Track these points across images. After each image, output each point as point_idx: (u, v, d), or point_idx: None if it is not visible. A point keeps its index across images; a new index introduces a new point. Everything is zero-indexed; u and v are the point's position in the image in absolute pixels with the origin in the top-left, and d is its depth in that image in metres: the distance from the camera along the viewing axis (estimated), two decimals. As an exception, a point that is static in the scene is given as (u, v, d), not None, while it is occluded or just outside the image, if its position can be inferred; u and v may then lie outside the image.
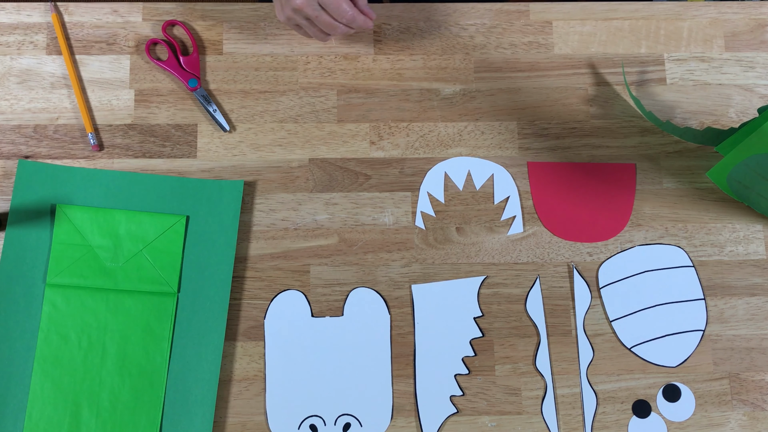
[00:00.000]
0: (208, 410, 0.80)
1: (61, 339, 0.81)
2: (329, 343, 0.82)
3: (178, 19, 0.91)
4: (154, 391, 0.80)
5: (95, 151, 0.87)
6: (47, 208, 0.84)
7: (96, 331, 0.81)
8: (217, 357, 0.81)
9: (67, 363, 0.80)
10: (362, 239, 0.86)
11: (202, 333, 0.82)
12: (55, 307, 0.81)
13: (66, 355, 0.80)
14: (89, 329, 0.81)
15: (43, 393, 0.79)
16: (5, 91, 0.89)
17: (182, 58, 0.90)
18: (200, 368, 0.81)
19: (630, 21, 0.94)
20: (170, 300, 0.83)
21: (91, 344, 0.81)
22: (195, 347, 0.82)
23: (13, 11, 0.91)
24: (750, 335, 0.85)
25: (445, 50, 0.92)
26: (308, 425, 0.81)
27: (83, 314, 0.81)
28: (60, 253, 0.83)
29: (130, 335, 0.81)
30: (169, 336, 0.82)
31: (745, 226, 0.89)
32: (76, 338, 0.81)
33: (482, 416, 0.82)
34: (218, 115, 0.88)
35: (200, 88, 0.89)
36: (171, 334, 0.82)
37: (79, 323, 0.81)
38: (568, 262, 0.87)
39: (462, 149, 0.90)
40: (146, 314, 0.82)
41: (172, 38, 0.91)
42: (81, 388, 0.80)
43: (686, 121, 0.91)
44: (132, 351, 0.81)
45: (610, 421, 0.82)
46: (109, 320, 0.82)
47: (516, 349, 0.84)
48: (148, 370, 0.81)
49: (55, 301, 0.81)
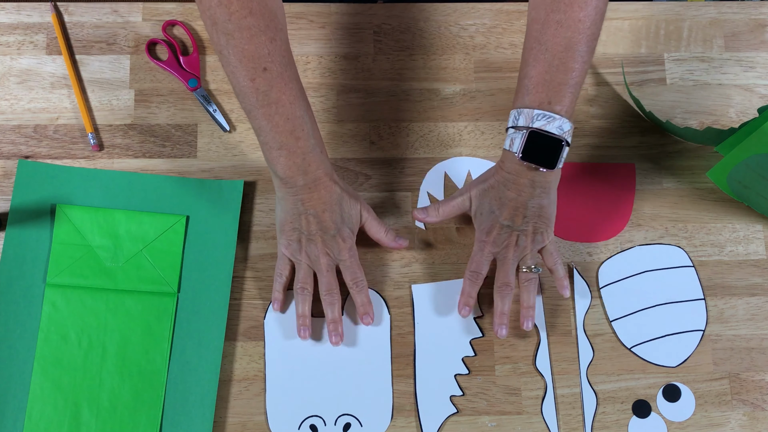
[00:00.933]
0: (208, 410, 0.80)
1: (61, 339, 0.81)
2: (329, 343, 0.82)
3: (178, 19, 0.91)
4: (154, 391, 0.80)
5: (95, 151, 0.87)
6: (47, 208, 0.84)
7: (96, 331, 0.81)
8: (217, 357, 0.81)
9: (67, 363, 0.80)
10: (363, 239, 0.86)
11: (202, 333, 0.82)
12: (55, 307, 0.81)
13: (66, 355, 0.80)
14: (89, 329, 0.81)
15: (43, 393, 0.79)
16: (5, 91, 0.89)
17: (182, 58, 0.90)
18: (200, 368, 0.81)
19: (630, 21, 0.94)
20: (170, 300, 0.83)
21: (91, 344, 0.81)
22: (195, 347, 0.81)
23: (13, 11, 0.91)
24: (750, 335, 0.85)
25: (445, 50, 0.92)
26: (308, 425, 0.81)
27: (83, 314, 0.81)
28: (60, 253, 0.83)
29: (130, 335, 0.81)
30: (169, 336, 0.82)
31: (745, 226, 0.89)
32: (76, 338, 0.81)
33: (482, 416, 0.82)
34: (218, 115, 0.88)
35: (200, 88, 0.89)
36: (171, 334, 0.82)
37: (79, 323, 0.81)
38: (568, 262, 0.87)
39: (462, 149, 0.90)
40: (146, 314, 0.82)
41: (172, 38, 0.91)
42: (81, 388, 0.80)
43: (686, 121, 0.91)
44: (132, 351, 0.81)
45: (610, 421, 0.82)
46: (109, 320, 0.82)
47: (516, 349, 0.84)
48: (148, 370, 0.81)
49: (55, 301, 0.81)
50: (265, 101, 0.73)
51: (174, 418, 0.80)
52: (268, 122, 0.74)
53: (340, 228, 0.78)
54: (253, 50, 0.72)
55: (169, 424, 0.80)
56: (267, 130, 0.74)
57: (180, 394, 0.80)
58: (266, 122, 0.74)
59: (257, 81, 0.73)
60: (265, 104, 0.73)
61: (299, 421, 0.81)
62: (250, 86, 0.73)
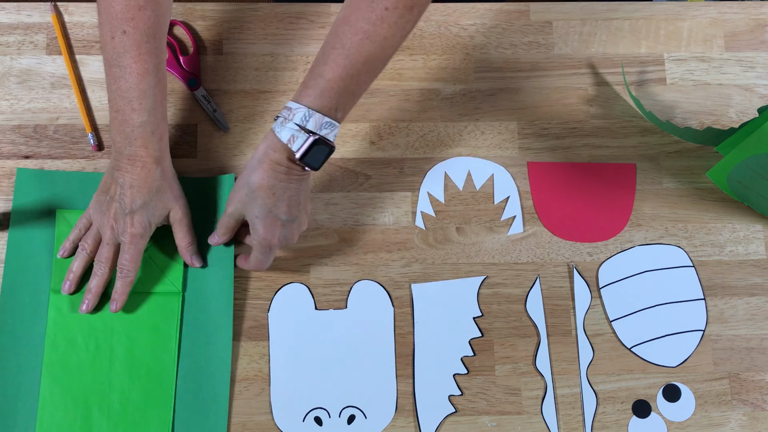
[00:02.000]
0: (221, 407, 0.80)
1: (68, 344, 0.81)
2: (333, 335, 0.82)
3: (178, 19, 0.91)
4: (164, 391, 0.80)
5: (95, 151, 0.87)
6: (47, 214, 0.84)
7: (103, 333, 0.81)
8: (227, 354, 0.81)
9: (75, 367, 0.80)
10: (362, 239, 0.86)
11: (209, 331, 0.82)
12: (61, 312, 0.81)
13: (74, 360, 0.80)
14: (96, 332, 0.81)
15: (53, 398, 0.79)
16: (5, 91, 0.89)
17: (182, 58, 0.90)
18: (210, 366, 0.81)
19: (630, 21, 0.94)
20: (176, 299, 0.82)
21: (98, 347, 0.81)
22: (203, 345, 0.81)
23: (13, 11, 0.91)
24: (750, 335, 0.85)
25: (445, 50, 0.92)
26: (313, 417, 0.81)
27: (89, 318, 0.81)
28: (63, 258, 0.82)
29: (137, 336, 0.81)
30: (176, 335, 0.82)
31: (745, 226, 0.89)
32: (83, 342, 0.81)
33: (482, 416, 0.82)
34: (218, 115, 0.88)
35: (200, 87, 0.89)
36: (178, 334, 0.82)
37: (86, 327, 0.81)
38: (568, 262, 0.87)
39: (462, 149, 0.90)
40: (152, 315, 0.82)
41: (172, 38, 0.91)
42: (90, 391, 0.80)
43: (686, 121, 0.92)
44: (140, 352, 0.81)
45: (610, 421, 0.82)
46: (116, 322, 0.81)
47: (516, 349, 0.84)
48: (157, 370, 0.81)
49: (61, 307, 0.81)
50: (117, 63, 0.76)
51: (187, 417, 0.80)
52: (113, 83, 0.77)
53: (136, 211, 0.78)
54: (119, 11, 0.75)
55: (181, 424, 0.79)
56: (111, 90, 0.77)
57: (191, 393, 0.80)
58: (112, 82, 0.77)
59: (115, 40, 0.75)
60: (116, 65, 0.76)
61: (304, 413, 0.81)
62: (109, 43, 0.76)
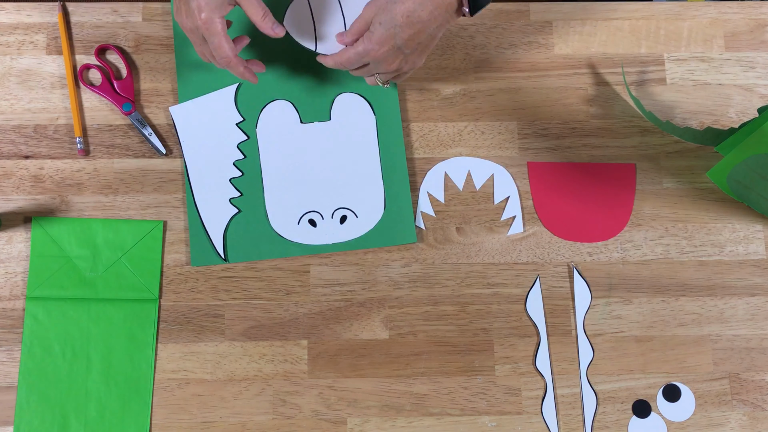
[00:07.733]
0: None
1: (45, 351, 0.81)
2: (319, 145, 0.87)
3: (111, 43, 0.91)
4: (141, 397, 0.80)
5: (82, 156, 0.87)
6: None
7: (79, 341, 0.81)
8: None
9: (52, 375, 0.80)
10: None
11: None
12: (37, 319, 0.81)
13: (51, 367, 0.80)
14: (72, 340, 0.81)
15: (29, 406, 0.79)
16: (5, 91, 0.89)
17: (116, 82, 0.88)
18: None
19: (630, 21, 0.94)
20: (152, 306, 0.83)
21: (75, 355, 0.81)
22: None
23: (13, 11, 0.91)
24: (750, 335, 0.85)
25: (445, 50, 0.92)
26: (307, 220, 0.85)
27: (65, 325, 0.81)
28: (38, 266, 0.82)
29: (113, 344, 0.81)
30: (153, 342, 0.82)
31: (745, 226, 0.89)
32: (60, 350, 0.81)
33: (482, 416, 0.82)
34: (154, 139, 0.87)
35: (135, 112, 0.88)
36: (155, 340, 0.82)
37: (62, 334, 0.81)
38: (568, 262, 0.87)
39: (462, 149, 0.90)
40: (129, 322, 0.82)
41: (106, 63, 0.89)
42: (67, 399, 0.80)
43: (686, 121, 0.92)
44: (117, 359, 0.81)
45: (610, 421, 0.82)
46: (92, 330, 0.82)
47: (516, 349, 0.84)
48: (134, 377, 0.81)
49: (37, 314, 0.81)
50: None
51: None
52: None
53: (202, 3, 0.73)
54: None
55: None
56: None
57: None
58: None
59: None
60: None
61: (298, 216, 0.85)
62: None
